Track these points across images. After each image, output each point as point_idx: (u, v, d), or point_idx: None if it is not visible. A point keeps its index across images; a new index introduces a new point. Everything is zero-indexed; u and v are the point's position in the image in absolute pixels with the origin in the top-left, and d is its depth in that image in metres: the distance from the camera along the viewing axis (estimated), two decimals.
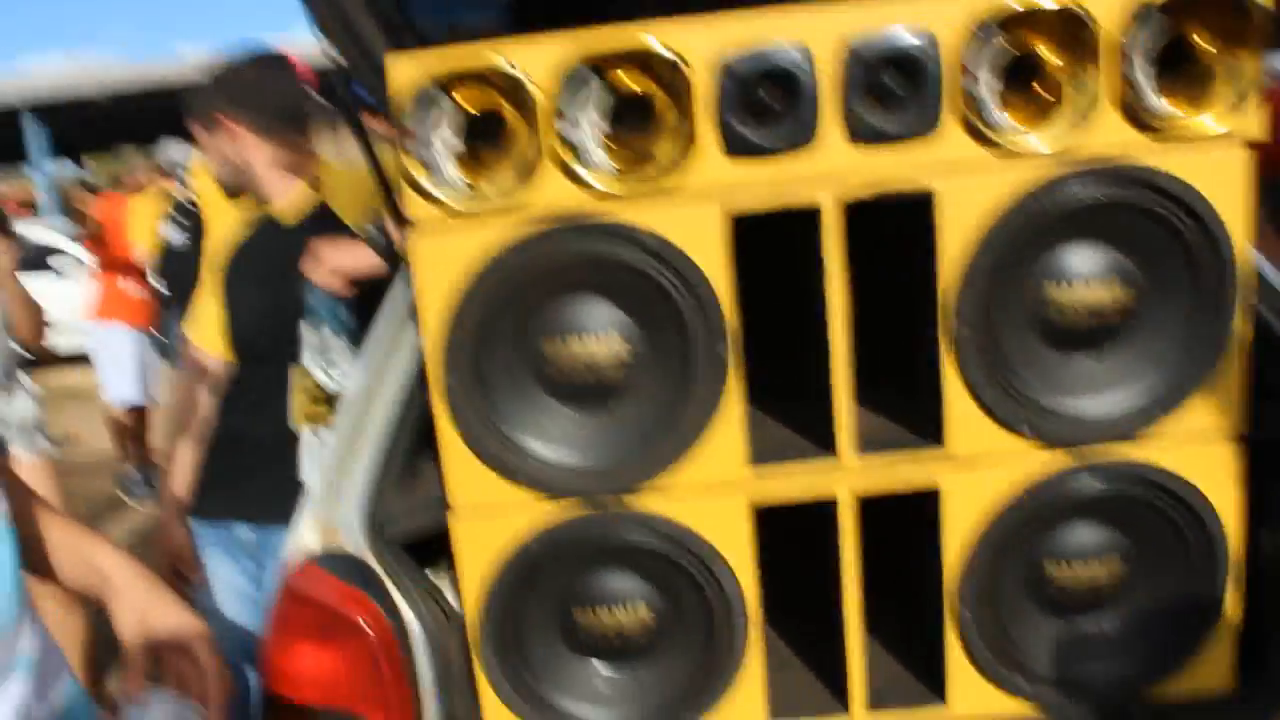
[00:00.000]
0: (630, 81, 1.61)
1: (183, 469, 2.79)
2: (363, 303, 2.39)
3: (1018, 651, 1.85)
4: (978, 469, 1.75)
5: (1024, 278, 1.70)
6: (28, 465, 3.48)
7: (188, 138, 3.37)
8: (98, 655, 3.64)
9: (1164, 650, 1.85)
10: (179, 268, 5.24)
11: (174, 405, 2.88)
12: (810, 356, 1.77)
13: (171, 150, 6.71)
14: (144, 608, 1.48)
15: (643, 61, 1.59)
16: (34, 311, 3.66)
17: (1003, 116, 1.62)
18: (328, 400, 2.54)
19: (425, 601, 1.78)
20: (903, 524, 1.91)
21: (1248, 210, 1.67)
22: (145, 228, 6.20)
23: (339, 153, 3.00)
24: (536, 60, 1.58)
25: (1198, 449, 1.75)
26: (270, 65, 2.70)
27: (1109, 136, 1.63)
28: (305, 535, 1.81)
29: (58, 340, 7.27)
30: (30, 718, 1.37)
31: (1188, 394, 1.73)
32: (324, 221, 2.68)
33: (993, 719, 1.86)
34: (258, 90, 2.61)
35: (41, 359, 4.65)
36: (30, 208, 18.23)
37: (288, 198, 2.72)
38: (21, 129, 18.55)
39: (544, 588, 1.81)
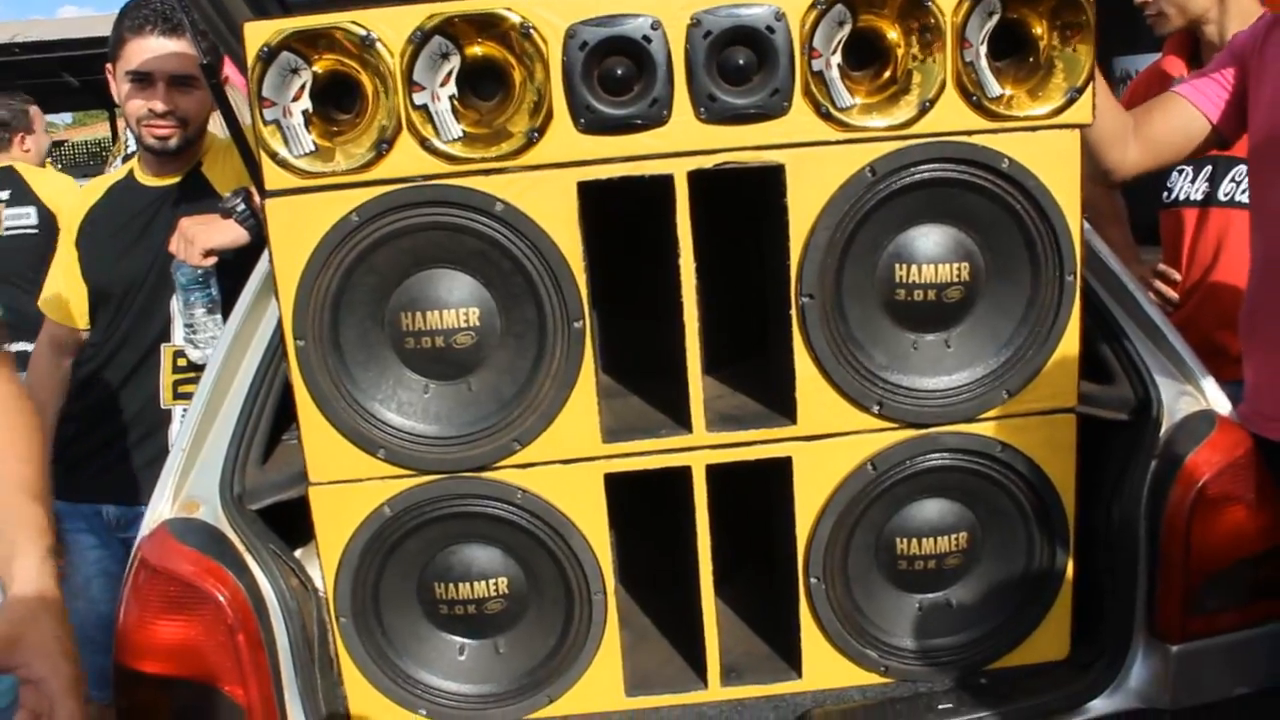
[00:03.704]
0: (484, 49, 1.63)
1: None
2: (228, 275, 2.37)
3: (869, 624, 1.90)
4: (826, 443, 1.80)
5: (870, 256, 1.76)
6: None
7: None
8: None
9: (1008, 620, 1.91)
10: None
11: (30, 383, 2.81)
12: (665, 330, 1.81)
13: None
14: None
15: (496, 29, 1.61)
16: None
17: (849, 95, 1.67)
18: (198, 377, 2.52)
19: (284, 573, 1.78)
20: (758, 500, 1.95)
21: (1079, 193, 1.74)
22: None
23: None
24: (391, 26, 1.60)
25: (1036, 423, 1.82)
26: None
27: (951, 118, 1.69)
28: (163, 508, 1.80)
29: None
30: None
31: (1028, 372, 1.80)
32: (196, 188, 2.64)
33: (846, 692, 1.91)
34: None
35: None
36: None
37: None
38: None
39: (402, 560, 1.82)
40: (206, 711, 1.72)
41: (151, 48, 2.51)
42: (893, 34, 1.68)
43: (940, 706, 1.85)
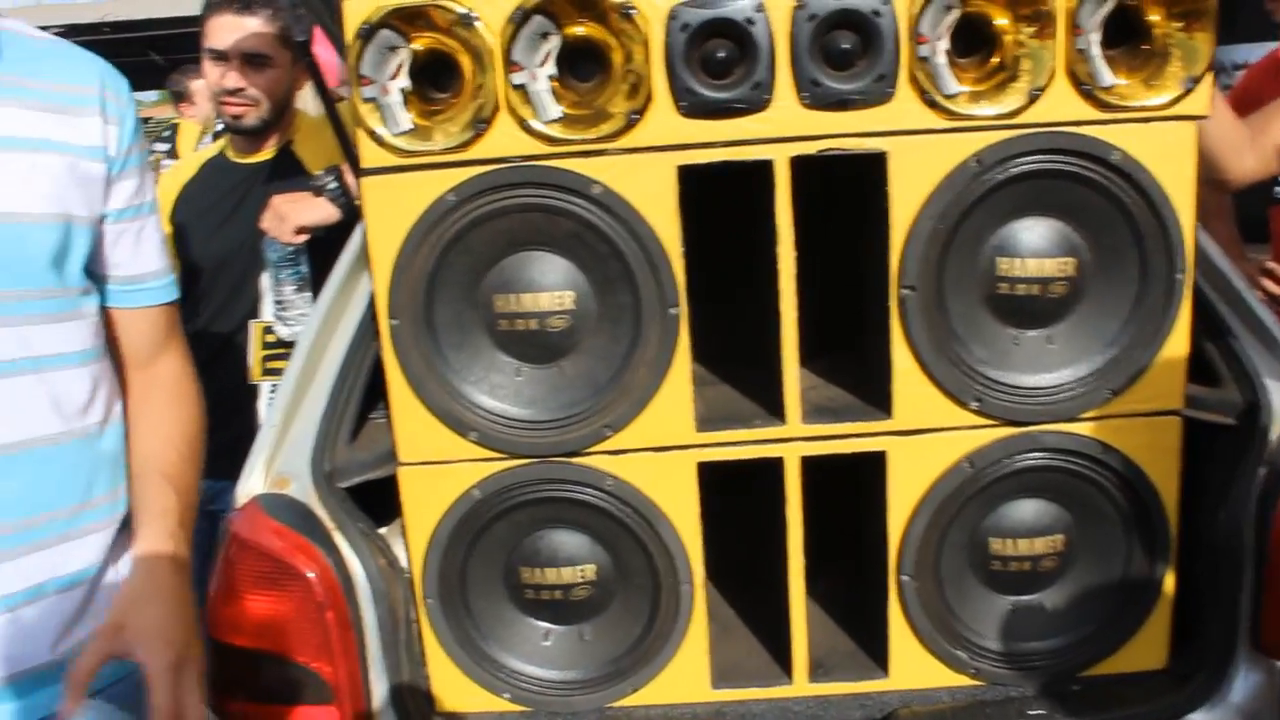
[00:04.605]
0: (584, 29, 1.61)
1: None
2: (319, 252, 2.38)
3: (959, 624, 1.86)
4: (923, 439, 1.77)
5: (973, 249, 1.72)
6: None
7: None
8: None
9: (1104, 627, 1.86)
10: None
11: None
12: (760, 318, 1.78)
13: None
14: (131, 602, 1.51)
15: (596, 9, 1.59)
16: None
17: (955, 83, 1.63)
18: (287, 354, 2.54)
19: (372, 552, 1.78)
20: (851, 494, 1.92)
21: (1193, 188, 1.69)
22: None
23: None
24: (491, 5, 1.59)
25: (1139, 425, 1.77)
26: None
27: (1060, 108, 1.65)
28: (254, 483, 1.81)
29: None
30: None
31: (1132, 371, 1.75)
32: (286, 166, 2.67)
33: (934, 693, 1.87)
34: None
35: None
36: None
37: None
38: None
39: (490, 543, 1.82)
40: (294, 687, 1.73)
41: (226, 25, 2.56)
42: (1002, 20, 1.63)
43: (1032, 712, 1.81)
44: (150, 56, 14.77)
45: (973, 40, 1.66)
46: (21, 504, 1.45)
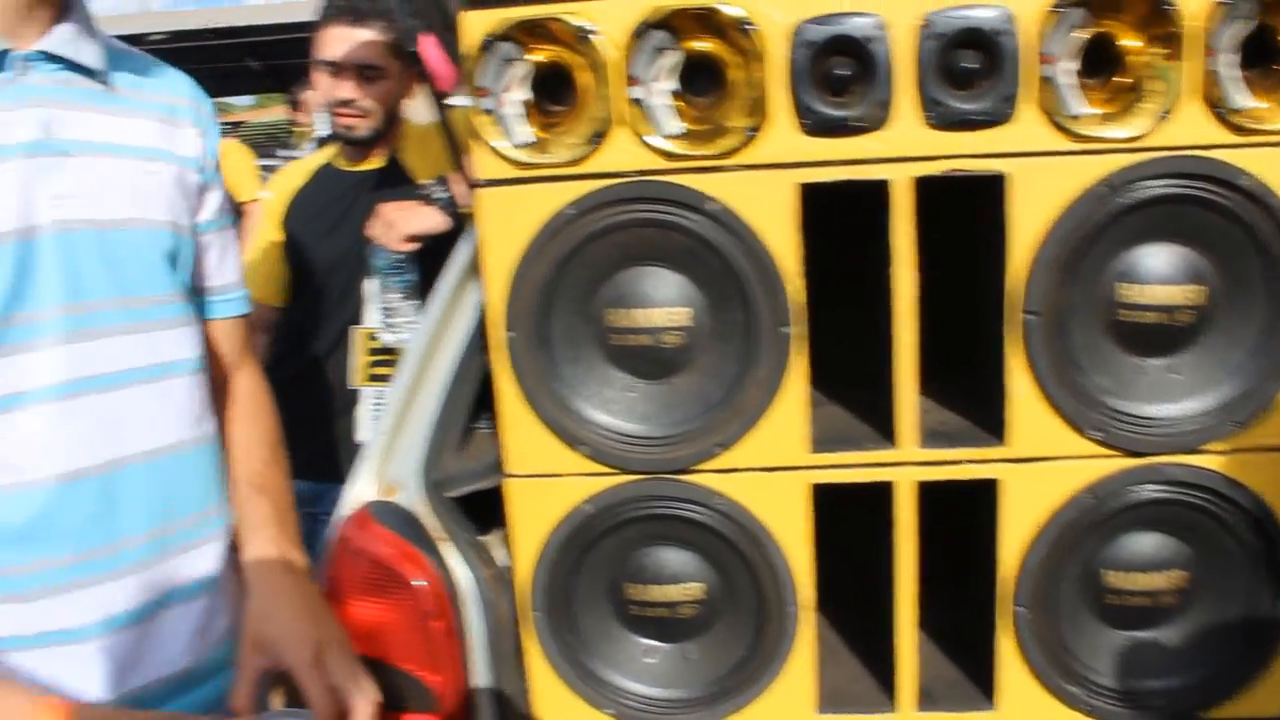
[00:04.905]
0: (703, 45, 1.61)
1: None
2: (426, 260, 2.40)
3: (1073, 659, 1.81)
4: (1040, 466, 1.73)
5: (1097, 274, 1.68)
6: None
7: None
8: None
9: (1226, 668, 1.80)
10: None
11: None
12: (874, 339, 1.76)
13: None
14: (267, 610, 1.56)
15: (716, 24, 1.59)
16: None
17: (1081, 104, 1.60)
18: (391, 360, 2.57)
19: (479, 562, 1.80)
20: (962, 520, 1.88)
21: None
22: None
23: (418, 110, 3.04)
24: (611, 19, 1.59)
25: (1266, 460, 1.71)
26: None
27: (1190, 131, 1.60)
28: (362, 490, 1.83)
29: None
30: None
31: (1260, 403, 1.69)
32: (394, 175, 2.70)
33: None
34: None
35: None
36: None
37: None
38: None
39: (598, 558, 1.81)
40: (398, 694, 1.74)
41: (340, 37, 2.60)
42: (1132, 40, 1.59)
43: None
44: (246, 62, 15.16)
45: (1100, 60, 1.62)
46: (156, 513, 1.48)
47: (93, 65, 1.46)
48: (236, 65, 14.98)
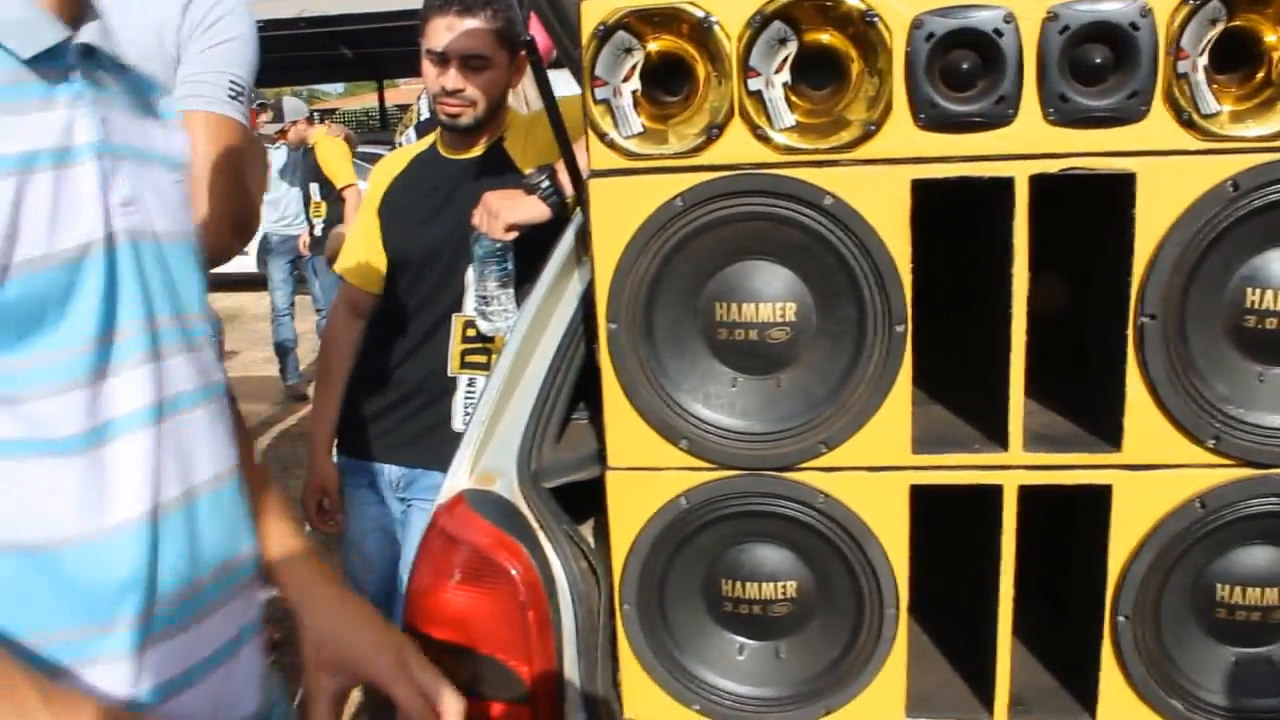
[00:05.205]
0: (823, 35, 1.57)
1: (332, 405, 2.85)
2: (526, 250, 2.39)
3: (1177, 673, 1.76)
4: (1152, 474, 1.68)
5: (1221, 277, 1.62)
6: None
7: None
8: None
9: None
10: None
11: (325, 341, 2.93)
12: (982, 339, 1.72)
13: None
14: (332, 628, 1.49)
15: (837, 15, 1.55)
16: None
17: (1214, 101, 1.54)
18: (488, 350, 2.56)
19: (575, 555, 1.78)
20: (1067, 525, 1.84)
21: None
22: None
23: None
24: (729, 8, 1.56)
25: None
26: None
27: None
28: (460, 478, 1.82)
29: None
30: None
31: None
32: (497, 163, 2.69)
33: None
34: None
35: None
36: None
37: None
38: None
39: (692, 553, 1.79)
40: (490, 682, 1.74)
41: (446, 26, 2.58)
42: (1272, 35, 1.53)
43: None
44: (340, 50, 15.26)
45: (1234, 56, 1.57)
46: (224, 545, 1.38)
47: (123, 62, 1.35)
48: (331, 53, 15.07)
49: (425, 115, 4.81)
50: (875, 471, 1.71)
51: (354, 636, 1.48)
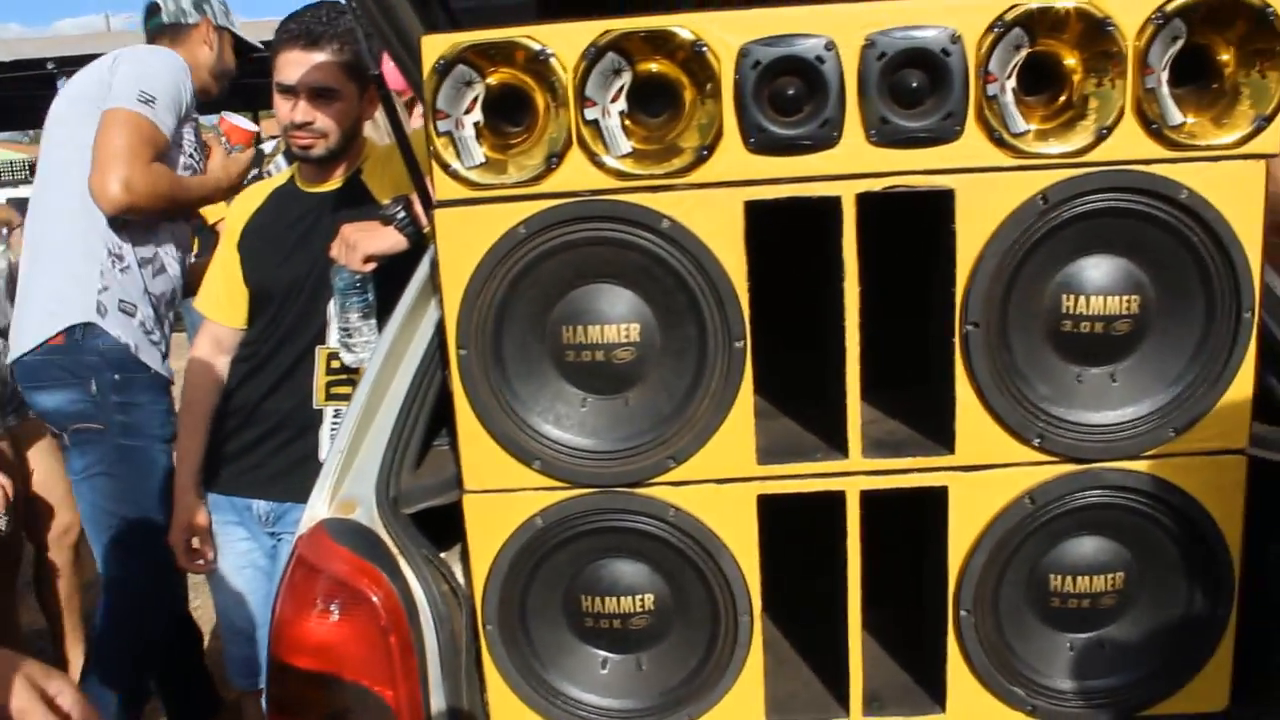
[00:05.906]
0: (656, 66, 1.63)
1: (198, 442, 2.81)
2: (387, 281, 2.41)
3: (1018, 661, 1.85)
4: (984, 474, 1.77)
5: (1038, 285, 1.72)
6: None
7: None
8: None
9: (1164, 666, 1.85)
10: None
11: (188, 376, 2.90)
12: (821, 352, 1.79)
13: None
14: None
15: (668, 46, 1.61)
16: None
17: (1023, 121, 1.64)
18: (353, 381, 2.56)
19: (435, 578, 1.80)
20: (908, 527, 1.92)
21: (1260, 226, 1.68)
22: None
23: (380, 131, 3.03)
24: (564, 42, 1.61)
25: (1203, 464, 1.76)
26: None
27: (1128, 146, 1.65)
28: (320, 508, 1.83)
29: None
30: None
31: (1196, 410, 1.74)
32: (355, 195, 2.70)
33: None
34: None
35: None
36: None
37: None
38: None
39: (551, 571, 1.83)
40: (355, 709, 1.74)
41: (294, 60, 2.60)
42: (1070, 59, 1.64)
43: None
44: None
45: (1040, 78, 1.67)
46: None
47: None
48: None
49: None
50: (723, 484, 1.76)
51: None
